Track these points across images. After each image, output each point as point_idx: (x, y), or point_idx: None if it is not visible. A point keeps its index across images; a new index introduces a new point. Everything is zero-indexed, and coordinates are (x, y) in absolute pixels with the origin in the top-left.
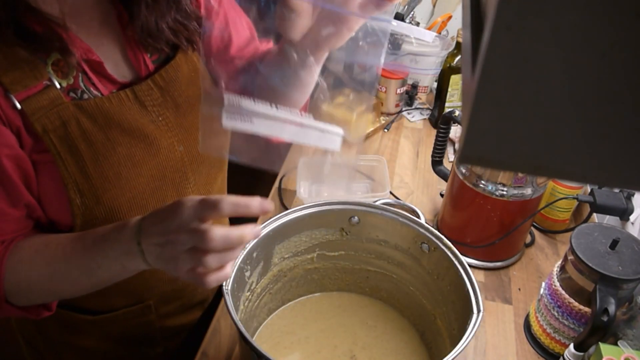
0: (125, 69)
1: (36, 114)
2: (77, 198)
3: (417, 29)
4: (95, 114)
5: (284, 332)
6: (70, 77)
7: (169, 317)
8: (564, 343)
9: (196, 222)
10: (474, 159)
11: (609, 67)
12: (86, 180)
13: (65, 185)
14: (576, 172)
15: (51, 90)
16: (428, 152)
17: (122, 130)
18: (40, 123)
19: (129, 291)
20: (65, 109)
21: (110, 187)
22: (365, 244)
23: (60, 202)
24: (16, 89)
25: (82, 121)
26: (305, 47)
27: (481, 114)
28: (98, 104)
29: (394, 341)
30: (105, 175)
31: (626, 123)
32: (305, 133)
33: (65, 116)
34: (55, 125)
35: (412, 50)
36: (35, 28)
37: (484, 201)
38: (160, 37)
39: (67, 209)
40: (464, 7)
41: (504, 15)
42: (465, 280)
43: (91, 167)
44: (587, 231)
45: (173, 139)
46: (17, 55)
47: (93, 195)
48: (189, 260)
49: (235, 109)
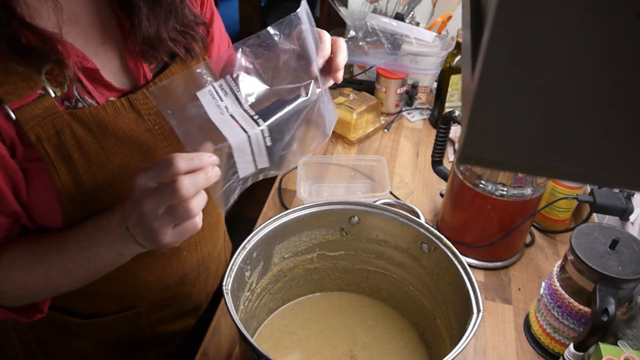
0: (123, 76)
1: (30, 122)
2: (69, 207)
3: (417, 29)
4: (90, 123)
5: (284, 332)
6: (64, 86)
7: (161, 323)
8: (563, 343)
9: (153, 184)
10: (474, 159)
11: (609, 67)
12: (79, 189)
13: (58, 193)
14: (576, 172)
15: (45, 99)
16: (428, 152)
17: (117, 139)
18: (34, 132)
19: (120, 297)
20: (59, 117)
21: (103, 197)
22: (365, 244)
23: (52, 210)
24: (10, 99)
25: (76, 130)
26: None
27: (481, 114)
28: (93, 113)
29: (394, 341)
30: (98, 185)
31: (626, 123)
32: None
33: (59, 125)
34: (49, 134)
35: (412, 50)
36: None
37: (484, 201)
38: (161, 47)
39: (59, 216)
40: (464, 7)
41: (504, 15)
42: (465, 280)
43: (85, 177)
44: (587, 231)
45: (169, 148)
46: (11, 65)
47: (86, 205)
48: (167, 221)
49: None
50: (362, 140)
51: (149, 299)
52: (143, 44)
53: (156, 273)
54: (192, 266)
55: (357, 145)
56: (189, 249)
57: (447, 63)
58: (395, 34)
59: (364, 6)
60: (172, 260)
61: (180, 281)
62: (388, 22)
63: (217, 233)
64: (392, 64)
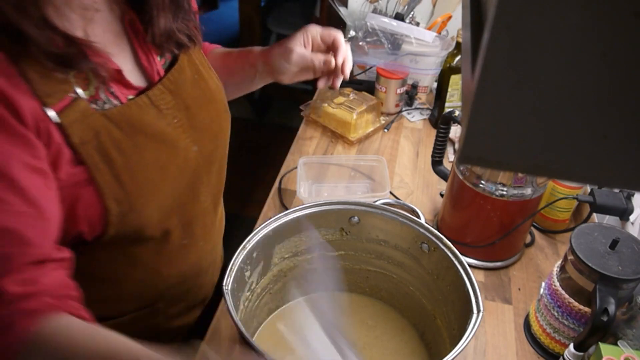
0: (138, 74)
1: (73, 126)
2: (114, 207)
3: (417, 29)
4: (121, 122)
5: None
6: (91, 88)
7: (174, 318)
8: (563, 343)
9: None
10: (474, 159)
11: (609, 67)
12: (121, 188)
13: (102, 195)
14: (576, 172)
15: (79, 102)
16: (428, 152)
17: (146, 135)
18: (78, 135)
19: (141, 296)
20: (95, 119)
21: (142, 194)
22: (365, 244)
23: (95, 213)
24: (52, 102)
25: (111, 130)
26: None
27: (481, 114)
28: (121, 112)
29: (394, 341)
30: (137, 182)
31: (626, 123)
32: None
33: (96, 126)
34: (89, 137)
35: (412, 50)
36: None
37: (484, 201)
38: (173, 38)
39: (102, 219)
40: (464, 7)
41: (504, 15)
42: (465, 280)
43: (124, 175)
44: (587, 231)
45: (188, 140)
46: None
47: (128, 203)
48: None
49: None
50: (362, 140)
51: (168, 293)
52: (160, 37)
53: (176, 266)
54: (206, 255)
55: (357, 145)
56: (204, 239)
57: (447, 63)
58: (395, 34)
59: (364, 6)
60: (190, 251)
61: (196, 272)
62: (388, 22)
63: (222, 219)
64: (392, 64)
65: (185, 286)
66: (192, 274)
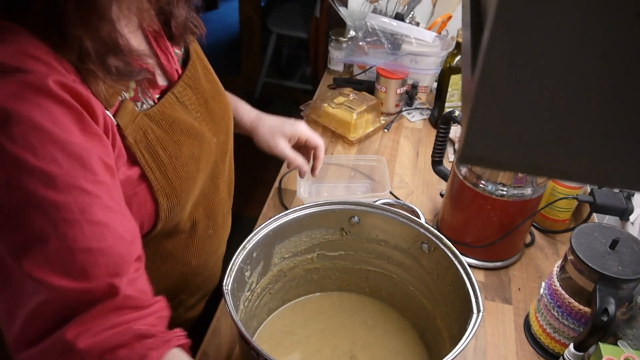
0: (160, 74)
1: (127, 127)
2: (164, 203)
3: (417, 29)
4: (160, 121)
5: (284, 332)
6: (130, 90)
7: (192, 308)
8: (563, 343)
9: None
10: (474, 159)
11: (609, 67)
12: (168, 183)
13: (154, 191)
14: (576, 172)
15: (127, 104)
16: (428, 152)
17: (181, 131)
18: (132, 135)
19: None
20: (140, 119)
21: (184, 187)
22: (365, 244)
23: (147, 211)
24: (110, 105)
25: (154, 129)
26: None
27: (481, 114)
28: (159, 111)
29: (394, 341)
30: (179, 176)
31: (626, 123)
32: None
33: (143, 126)
34: (140, 136)
35: (412, 50)
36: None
37: (484, 201)
38: (187, 27)
39: (152, 216)
40: (464, 7)
41: (504, 15)
42: (465, 280)
43: (170, 171)
44: (587, 231)
45: (210, 132)
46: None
47: (175, 197)
48: None
49: None
50: (362, 140)
51: (193, 283)
52: (179, 27)
53: (202, 256)
54: (223, 243)
55: (357, 145)
56: (224, 227)
57: (447, 63)
58: (395, 34)
59: (364, 6)
60: (213, 240)
61: (215, 260)
62: (388, 22)
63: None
64: (392, 64)
65: (204, 275)
66: (212, 263)
